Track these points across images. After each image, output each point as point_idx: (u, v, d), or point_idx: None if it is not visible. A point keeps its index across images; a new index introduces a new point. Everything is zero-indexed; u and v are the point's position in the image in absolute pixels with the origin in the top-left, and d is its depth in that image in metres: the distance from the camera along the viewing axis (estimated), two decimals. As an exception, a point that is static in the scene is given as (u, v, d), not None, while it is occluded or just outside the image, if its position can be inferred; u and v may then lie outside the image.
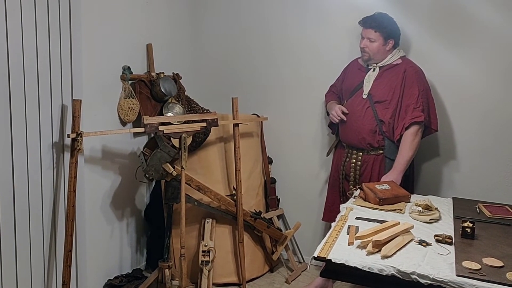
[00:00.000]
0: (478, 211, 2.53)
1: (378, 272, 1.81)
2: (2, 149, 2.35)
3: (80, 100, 2.61)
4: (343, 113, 3.12)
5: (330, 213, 3.27)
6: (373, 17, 3.06)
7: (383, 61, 3.06)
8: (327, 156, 3.49)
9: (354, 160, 3.11)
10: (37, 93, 2.51)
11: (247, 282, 3.39)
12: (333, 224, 2.28)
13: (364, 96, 3.06)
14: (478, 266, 1.77)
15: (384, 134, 3.02)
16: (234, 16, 3.84)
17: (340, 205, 2.63)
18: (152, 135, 3.08)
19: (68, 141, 2.67)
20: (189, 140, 3.00)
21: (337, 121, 3.16)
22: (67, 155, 2.71)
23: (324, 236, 2.15)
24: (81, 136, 2.60)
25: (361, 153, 3.10)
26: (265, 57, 3.77)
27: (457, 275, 1.72)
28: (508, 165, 3.11)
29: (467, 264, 1.79)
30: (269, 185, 3.74)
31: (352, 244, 2.01)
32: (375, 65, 3.08)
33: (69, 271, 2.65)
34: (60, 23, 2.60)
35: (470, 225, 2.10)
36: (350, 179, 3.14)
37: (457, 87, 3.17)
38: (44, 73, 2.54)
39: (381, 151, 3.04)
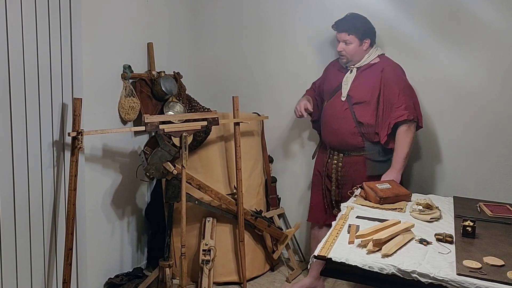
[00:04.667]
0: (479, 210, 2.52)
1: (378, 271, 1.80)
2: (2, 147, 2.35)
3: (81, 99, 2.61)
4: (306, 110, 3.18)
5: (314, 214, 3.30)
6: (344, 20, 3.06)
7: (360, 62, 3.05)
8: (312, 158, 3.49)
9: (336, 161, 3.11)
10: (38, 92, 2.51)
11: (247, 281, 3.40)
12: (333, 223, 2.28)
13: (343, 99, 3.05)
14: (479, 265, 1.77)
15: (363, 136, 3.01)
16: (235, 14, 3.83)
17: (341, 204, 2.62)
18: (153, 134, 3.08)
19: (68, 139, 2.67)
20: (189, 139, 3.01)
21: (297, 116, 3.24)
22: (67, 154, 2.71)
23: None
24: (81, 135, 2.60)
25: (342, 155, 3.09)
26: (266, 55, 3.77)
27: (457, 274, 1.72)
28: (504, 164, 3.11)
29: (467, 263, 1.79)
30: (269, 184, 3.73)
31: (353, 243, 2.01)
32: (352, 66, 3.07)
33: (69, 269, 2.65)
34: (61, 21, 2.60)
35: (471, 224, 2.10)
36: (332, 180, 3.14)
37: (456, 86, 3.18)
38: (44, 72, 2.54)
39: (362, 153, 3.03)
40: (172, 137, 2.96)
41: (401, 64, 3.20)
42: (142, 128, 2.88)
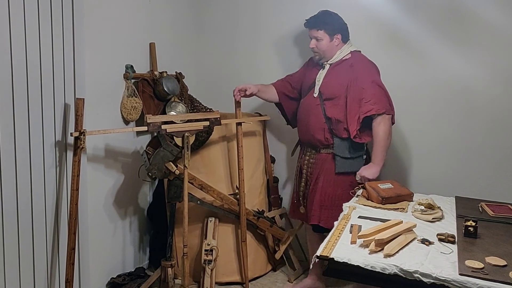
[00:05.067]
0: (480, 210, 2.52)
1: (380, 271, 1.81)
2: (5, 147, 2.36)
3: (83, 99, 2.62)
4: (243, 92, 3.21)
5: (293, 210, 3.33)
6: (314, 17, 3.07)
7: (333, 58, 3.05)
8: (291, 155, 3.50)
9: (308, 158, 3.14)
10: (40, 92, 2.52)
11: (249, 281, 3.40)
12: (335, 223, 2.28)
13: (315, 95, 3.06)
14: (481, 265, 1.77)
15: (332, 132, 3.01)
16: (237, 14, 3.84)
17: (343, 204, 2.62)
18: (155, 134, 3.09)
19: (71, 139, 2.68)
20: (192, 139, 3.01)
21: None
22: (70, 154, 2.71)
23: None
24: (84, 135, 2.61)
25: (314, 151, 3.11)
26: (268, 56, 3.77)
27: (460, 274, 1.72)
28: (507, 164, 3.11)
29: (470, 263, 1.79)
30: (271, 184, 3.74)
31: (355, 243, 2.01)
32: (326, 63, 3.07)
33: (72, 269, 2.66)
34: (63, 22, 2.61)
35: (473, 224, 2.10)
36: (302, 177, 3.17)
37: (458, 85, 3.18)
38: (47, 72, 2.55)
39: (331, 150, 3.02)
40: (174, 137, 2.97)
41: (404, 63, 3.22)
42: (145, 128, 2.88)
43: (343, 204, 2.61)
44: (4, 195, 2.38)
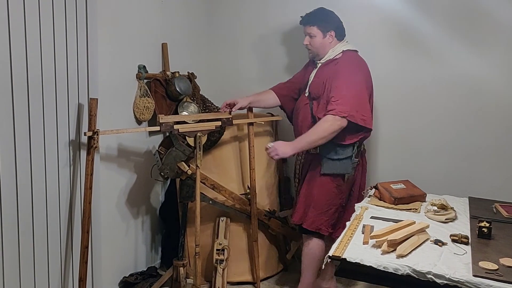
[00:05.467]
0: (494, 210, 2.50)
1: (393, 272, 1.80)
2: (20, 147, 2.39)
3: (97, 99, 2.64)
4: (229, 106, 3.16)
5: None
6: (309, 14, 3.03)
7: (325, 57, 2.99)
8: (293, 155, 3.48)
9: (300, 158, 3.14)
10: (55, 92, 2.55)
11: (261, 280, 3.40)
12: (348, 223, 2.28)
13: (306, 94, 3.05)
14: (495, 267, 1.76)
15: None
16: (249, 15, 3.84)
17: (355, 204, 2.62)
18: (167, 134, 3.10)
19: (84, 139, 2.70)
20: (204, 139, 3.02)
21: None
22: (83, 153, 2.74)
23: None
24: (97, 134, 2.63)
25: (305, 151, 3.05)
26: (280, 56, 3.77)
27: (473, 275, 1.71)
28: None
29: (483, 264, 1.78)
30: (283, 184, 3.74)
31: (367, 243, 2.01)
32: (318, 61, 3.04)
33: (85, 268, 2.68)
34: (77, 22, 2.63)
35: (487, 225, 2.08)
36: (296, 177, 3.18)
37: (472, 86, 3.16)
38: (61, 73, 2.57)
39: (319, 151, 2.92)
40: (186, 137, 2.98)
41: (416, 63, 3.19)
42: (157, 128, 2.90)
43: (355, 204, 2.61)
44: (19, 194, 2.41)
